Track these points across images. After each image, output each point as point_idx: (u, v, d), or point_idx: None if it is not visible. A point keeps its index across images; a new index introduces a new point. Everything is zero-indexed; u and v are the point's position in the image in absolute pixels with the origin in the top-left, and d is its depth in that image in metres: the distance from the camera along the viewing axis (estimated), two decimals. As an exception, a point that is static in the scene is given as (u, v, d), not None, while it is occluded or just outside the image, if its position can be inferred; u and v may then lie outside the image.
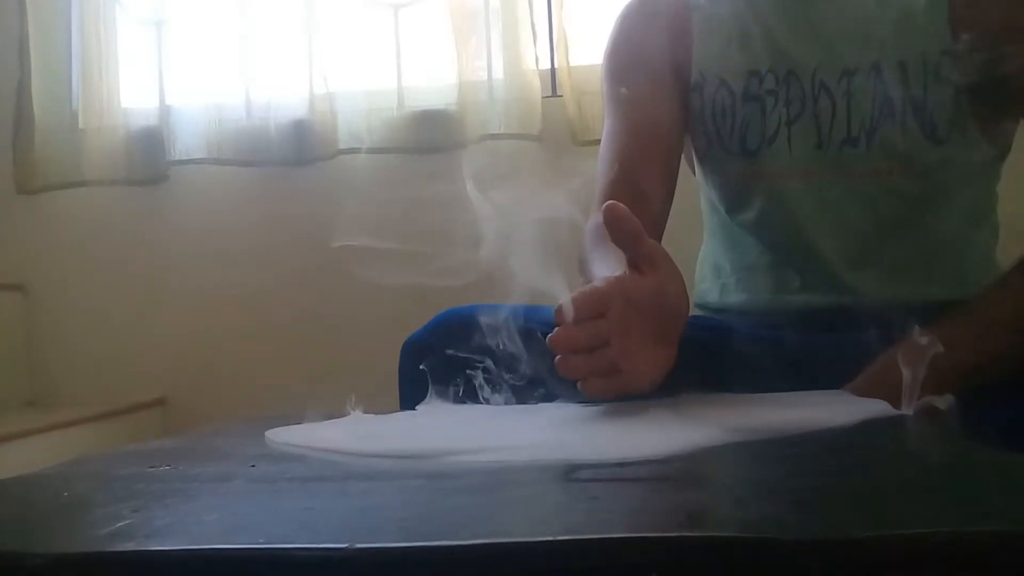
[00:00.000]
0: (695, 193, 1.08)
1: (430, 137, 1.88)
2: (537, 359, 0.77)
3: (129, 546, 0.35)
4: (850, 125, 0.91)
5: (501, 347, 0.74)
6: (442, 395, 0.75)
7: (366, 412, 0.75)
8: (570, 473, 0.47)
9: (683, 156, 1.03)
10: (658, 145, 0.96)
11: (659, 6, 1.00)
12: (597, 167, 0.98)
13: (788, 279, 0.96)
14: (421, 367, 0.91)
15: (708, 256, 1.08)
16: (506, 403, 0.73)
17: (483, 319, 0.91)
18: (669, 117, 0.97)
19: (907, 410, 0.64)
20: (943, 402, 0.67)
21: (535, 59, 1.87)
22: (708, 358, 0.78)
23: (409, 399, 0.93)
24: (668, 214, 0.97)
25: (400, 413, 0.75)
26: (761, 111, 0.94)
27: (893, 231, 0.92)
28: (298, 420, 0.69)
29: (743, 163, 0.96)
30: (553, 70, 1.90)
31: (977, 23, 0.86)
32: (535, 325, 0.92)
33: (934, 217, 0.92)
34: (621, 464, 0.48)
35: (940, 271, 0.94)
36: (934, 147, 0.89)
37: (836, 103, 0.91)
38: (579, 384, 0.65)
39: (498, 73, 1.87)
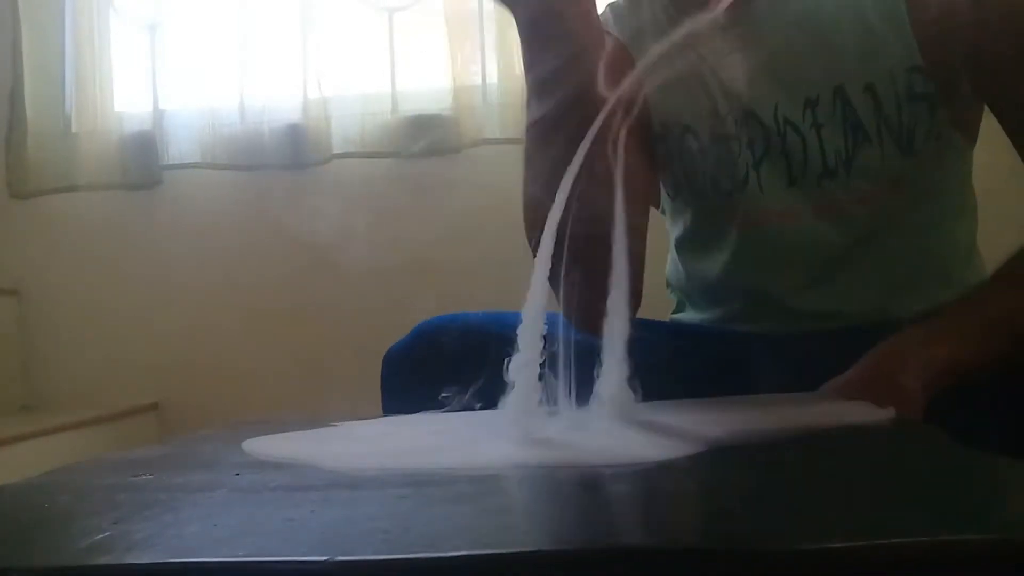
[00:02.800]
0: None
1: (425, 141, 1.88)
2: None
3: (106, 560, 0.35)
4: (824, 157, 0.87)
5: (484, 355, 0.73)
6: (425, 405, 0.74)
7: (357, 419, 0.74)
8: (554, 483, 0.47)
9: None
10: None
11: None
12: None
13: (770, 315, 0.94)
14: (404, 377, 0.91)
15: (680, 283, 1.05)
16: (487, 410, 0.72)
17: (463, 328, 0.90)
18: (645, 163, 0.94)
19: (893, 410, 0.63)
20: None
21: (530, 63, 1.87)
22: (689, 363, 0.78)
23: (392, 409, 0.92)
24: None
25: (377, 421, 0.74)
26: (726, 156, 0.91)
27: (882, 249, 0.90)
28: (286, 427, 0.69)
29: (717, 211, 0.93)
30: (547, 74, 1.89)
31: (942, 30, 0.82)
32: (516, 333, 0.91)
33: (920, 224, 0.91)
34: (604, 473, 0.48)
35: (929, 275, 0.92)
36: (911, 161, 0.86)
37: (806, 136, 0.87)
38: None
39: (492, 77, 1.87)
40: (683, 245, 1.02)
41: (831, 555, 0.33)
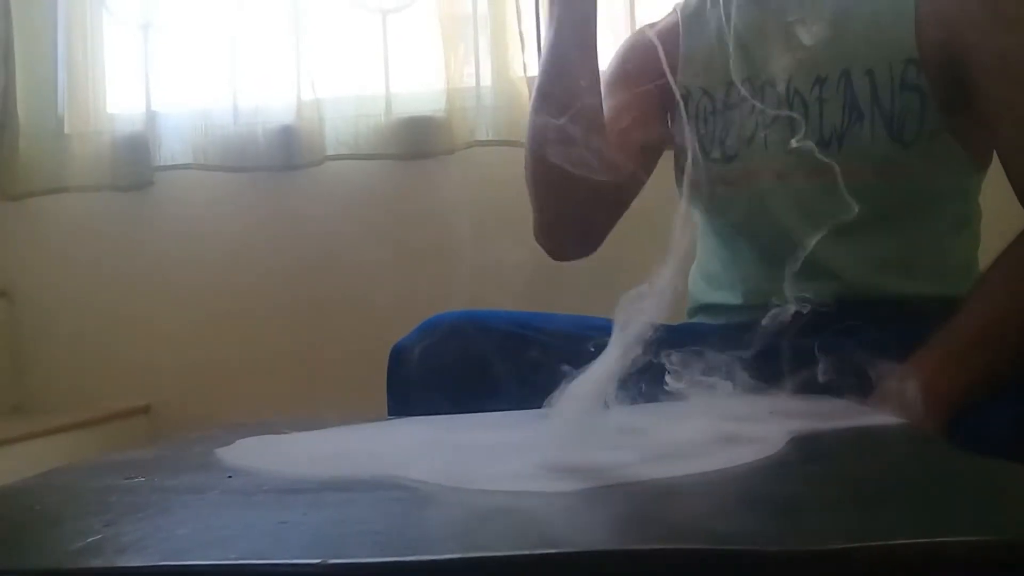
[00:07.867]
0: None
1: (418, 143, 1.87)
2: (524, 364, 0.77)
3: (98, 562, 0.35)
4: (822, 129, 0.94)
5: (488, 352, 0.73)
6: (430, 402, 0.74)
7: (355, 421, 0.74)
8: (548, 486, 0.46)
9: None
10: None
11: (660, 33, 1.05)
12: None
13: (779, 278, 0.96)
14: (410, 370, 0.91)
15: (700, 267, 1.10)
16: (492, 409, 0.72)
17: (470, 325, 0.91)
18: (653, 118, 1.04)
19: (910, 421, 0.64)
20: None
21: (523, 66, 1.86)
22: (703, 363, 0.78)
23: (398, 406, 0.93)
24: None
25: (368, 425, 0.74)
26: (739, 117, 0.99)
27: (872, 229, 0.93)
28: (278, 429, 0.68)
29: (722, 166, 1.00)
30: (541, 77, 1.89)
31: (942, 33, 0.89)
32: (522, 330, 0.92)
33: (911, 218, 0.95)
34: (605, 480, 0.47)
35: (921, 269, 0.96)
36: (902, 150, 0.92)
37: (809, 109, 0.95)
38: None
39: (486, 80, 1.86)
40: (701, 222, 1.08)
41: (826, 558, 0.33)
